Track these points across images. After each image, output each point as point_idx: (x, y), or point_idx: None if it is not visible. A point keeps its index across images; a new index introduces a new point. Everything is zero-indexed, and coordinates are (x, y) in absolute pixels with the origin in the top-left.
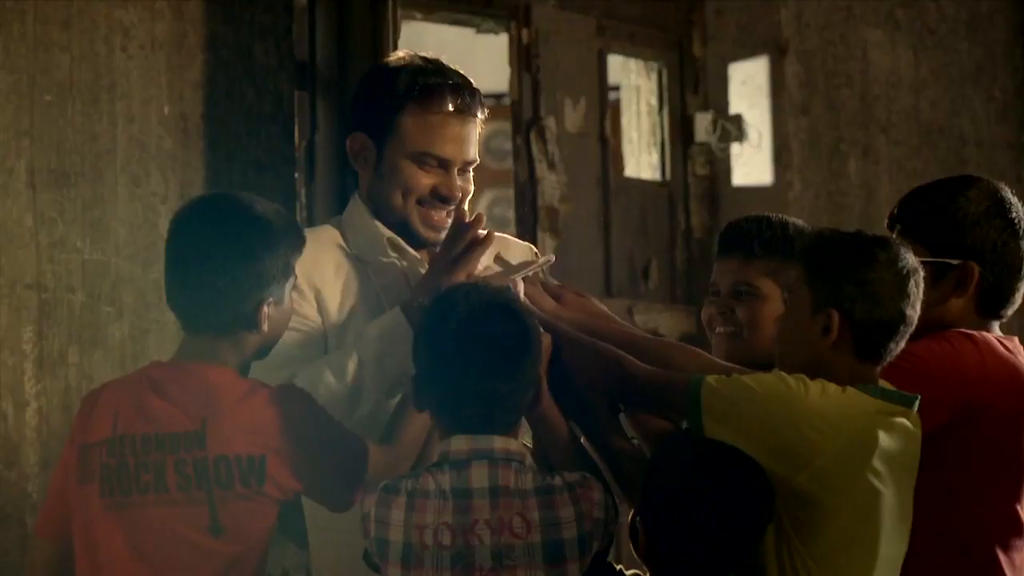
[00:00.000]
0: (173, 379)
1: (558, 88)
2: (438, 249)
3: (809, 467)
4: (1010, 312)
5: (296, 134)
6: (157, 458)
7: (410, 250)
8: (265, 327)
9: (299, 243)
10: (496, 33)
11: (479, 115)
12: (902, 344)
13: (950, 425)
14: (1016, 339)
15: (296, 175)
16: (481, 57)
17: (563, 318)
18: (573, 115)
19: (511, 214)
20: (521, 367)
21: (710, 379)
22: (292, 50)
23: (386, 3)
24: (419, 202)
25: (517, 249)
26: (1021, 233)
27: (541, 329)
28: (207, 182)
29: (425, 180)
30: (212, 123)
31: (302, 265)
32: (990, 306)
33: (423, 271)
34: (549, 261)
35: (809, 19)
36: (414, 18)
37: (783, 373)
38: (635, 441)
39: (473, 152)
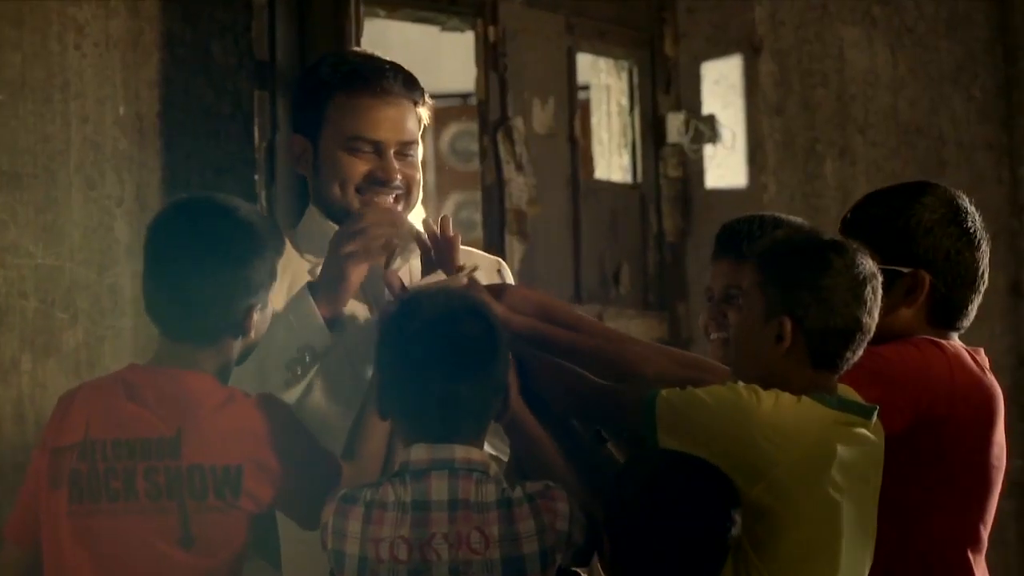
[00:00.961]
0: (150, 383)
1: (526, 87)
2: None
3: (764, 480)
4: (965, 324)
5: (256, 135)
6: (128, 465)
7: None
8: (252, 334)
9: (282, 246)
10: (462, 31)
11: (414, 99)
12: (859, 353)
13: (910, 432)
14: (982, 351)
15: (256, 177)
16: (447, 56)
17: (513, 324)
18: (542, 115)
19: (478, 217)
20: (486, 370)
21: (664, 393)
22: (251, 48)
23: (348, 1)
24: (358, 191)
25: (482, 263)
26: (976, 243)
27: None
28: (164, 184)
29: (360, 167)
30: (169, 123)
31: None
32: (942, 317)
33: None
34: (475, 269)
35: (784, 17)
36: (377, 15)
37: (735, 384)
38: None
39: (410, 133)
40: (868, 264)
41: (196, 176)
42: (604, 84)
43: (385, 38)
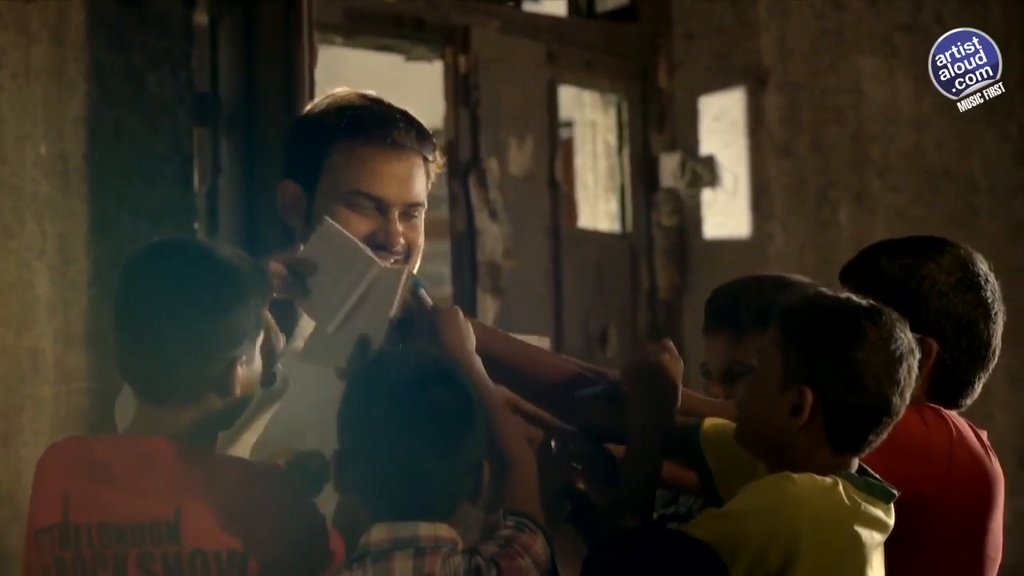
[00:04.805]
0: (128, 460)
1: (501, 125)
2: None
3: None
4: (968, 403)
5: (196, 178)
6: (117, 551)
7: None
8: (237, 391)
9: (267, 292)
10: (429, 61)
11: (426, 155)
12: (883, 436)
13: (902, 510)
14: (985, 433)
15: (196, 225)
16: (412, 88)
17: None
18: (518, 156)
19: (446, 270)
20: (457, 444)
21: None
22: (191, 80)
23: (299, 26)
24: None
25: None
26: (993, 315)
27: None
28: (91, 234)
29: (360, 226)
30: (97, 165)
31: None
32: (946, 392)
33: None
34: (409, 272)
35: (793, 45)
36: (333, 43)
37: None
38: None
39: (417, 193)
40: (907, 339)
41: (127, 225)
42: (589, 120)
43: (342, 68)
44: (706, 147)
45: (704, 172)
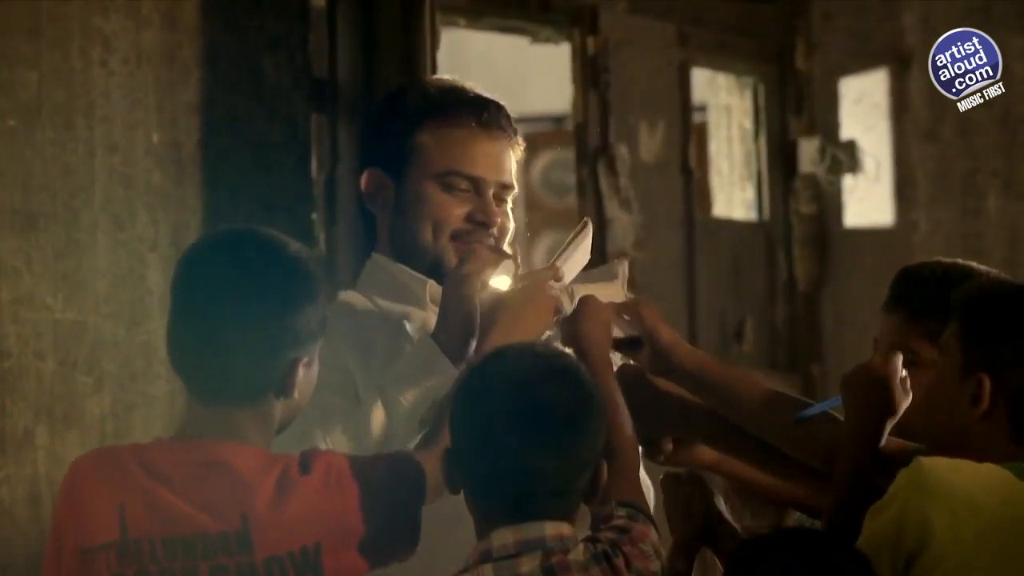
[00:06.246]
0: (188, 467)
1: (631, 109)
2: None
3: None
4: None
5: (314, 166)
6: (186, 564)
7: None
8: (296, 394)
9: (331, 292)
10: (556, 43)
11: (514, 137)
12: None
13: None
14: None
15: (314, 215)
16: (538, 72)
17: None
18: (650, 141)
19: None
20: (575, 443)
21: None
22: (308, 65)
23: (422, 8)
24: (454, 237)
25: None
26: None
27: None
28: (205, 224)
29: (456, 208)
30: (211, 153)
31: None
32: None
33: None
34: (586, 226)
35: (938, 23)
36: (456, 25)
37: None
38: None
39: (510, 173)
40: None
41: (243, 214)
42: (724, 104)
43: (465, 51)
44: (847, 131)
45: (845, 157)
